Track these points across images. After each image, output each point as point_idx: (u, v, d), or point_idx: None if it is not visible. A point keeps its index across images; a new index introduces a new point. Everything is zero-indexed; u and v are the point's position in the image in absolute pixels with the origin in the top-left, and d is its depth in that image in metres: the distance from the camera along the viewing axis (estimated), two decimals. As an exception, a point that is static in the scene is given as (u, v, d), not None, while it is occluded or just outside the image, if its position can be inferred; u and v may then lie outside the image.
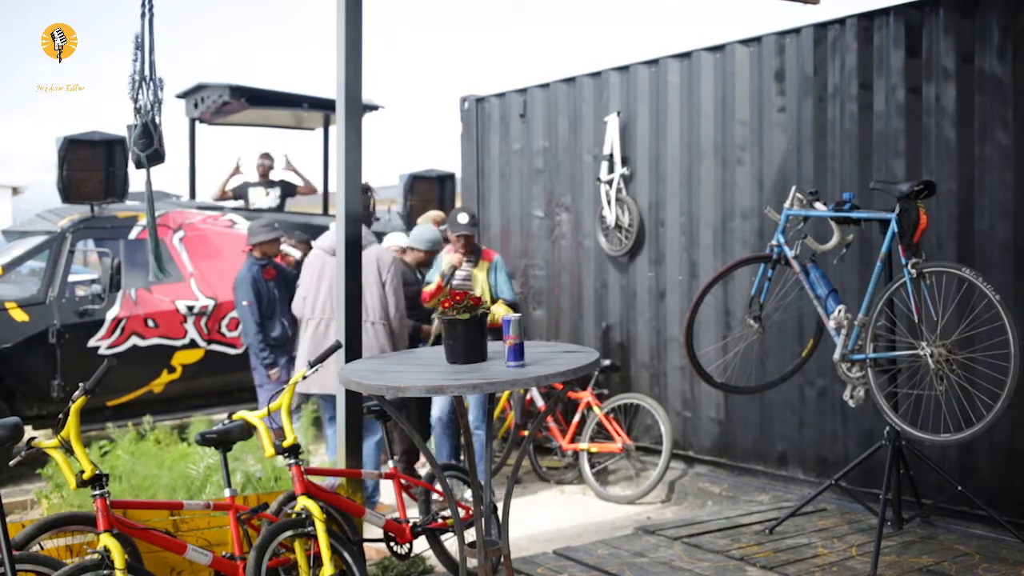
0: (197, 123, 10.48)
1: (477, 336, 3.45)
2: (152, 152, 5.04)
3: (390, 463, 4.89)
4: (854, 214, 5.20)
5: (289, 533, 3.98)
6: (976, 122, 5.51)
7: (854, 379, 5.08)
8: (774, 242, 5.43)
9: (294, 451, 4.12)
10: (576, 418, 7.31)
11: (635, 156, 7.52)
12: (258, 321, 7.38)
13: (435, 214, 7.87)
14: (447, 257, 6.61)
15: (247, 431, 4.24)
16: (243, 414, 4.27)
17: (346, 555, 4.16)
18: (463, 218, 6.64)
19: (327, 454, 6.59)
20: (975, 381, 4.80)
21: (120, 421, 7.28)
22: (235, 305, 7.71)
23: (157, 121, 4.99)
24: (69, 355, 7.85)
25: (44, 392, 7.77)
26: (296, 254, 8.20)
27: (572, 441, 7.30)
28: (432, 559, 4.95)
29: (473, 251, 6.82)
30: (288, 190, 10.32)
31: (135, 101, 4.98)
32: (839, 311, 5.10)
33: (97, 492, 3.60)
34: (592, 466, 7.16)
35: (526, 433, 7.38)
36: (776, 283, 5.52)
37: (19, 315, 7.82)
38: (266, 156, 10.31)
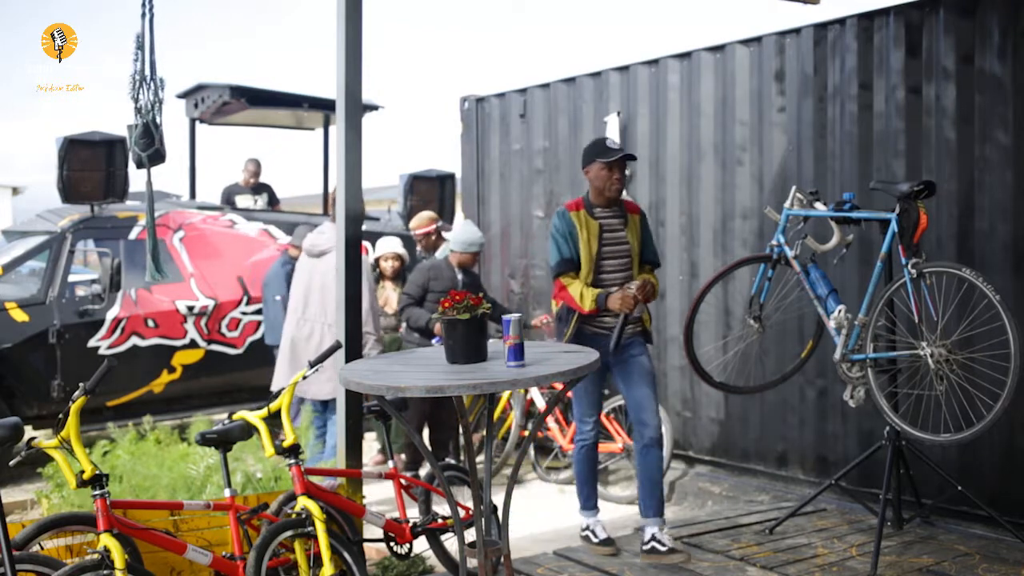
0: (197, 123, 10.50)
1: (477, 336, 3.45)
2: (153, 152, 5.04)
3: (390, 463, 4.89)
4: (854, 214, 5.20)
5: (289, 533, 3.99)
6: (976, 122, 5.51)
7: (854, 379, 5.09)
8: (774, 242, 5.43)
9: (294, 451, 4.12)
10: (576, 418, 7.30)
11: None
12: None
13: (429, 215, 7.83)
14: (623, 301, 4.76)
15: (247, 431, 4.24)
16: (243, 414, 4.27)
17: (346, 555, 4.17)
18: (612, 143, 4.96)
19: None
20: (975, 381, 4.80)
21: (120, 421, 7.28)
22: (265, 302, 7.68)
23: (158, 121, 4.99)
24: (69, 355, 7.85)
25: (44, 392, 7.77)
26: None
27: (572, 441, 7.29)
28: (432, 559, 4.95)
29: (618, 198, 5.01)
30: (274, 196, 10.33)
31: (136, 101, 4.97)
32: (839, 311, 5.10)
33: (97, 492, 3.60)
34: (592, 466, 7.15)
35: (526, 433, 7.38)
36: (776, 283, 5.52)
37: (19, 315, 7.82)
38: (253, 162, 10.28)
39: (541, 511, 6.61)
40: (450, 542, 4.69)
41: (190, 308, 8.45)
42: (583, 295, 4.80)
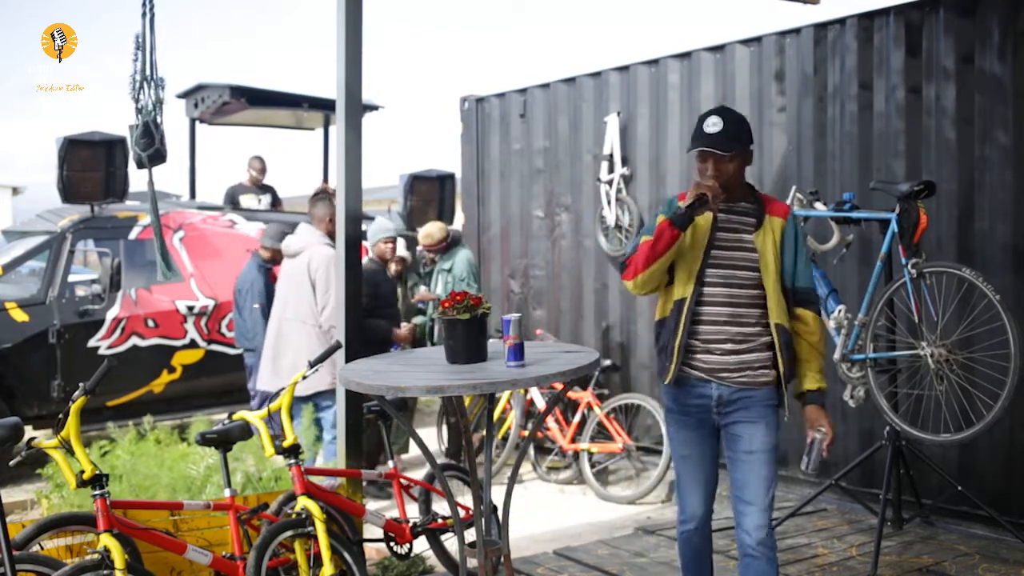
0: (197, 123, 10.50)
1: (477, 336, 3.45)
2: (154, 152, 5.04)
3: (390, 463, 4.89)
4: (854, 214, 5.20)
5: (289, 533, 3.99)
6: (976, 122, 5.51)
7: (854, 379, 5.09)
8: (774, 242, 5.43)
9: (294, 451, 4.12)
10: (576, 418, 7.31)
11: (635, 156, 7.52)
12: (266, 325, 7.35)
13: (440, 227, 7.78)
14: (696, 185, 3.45)
15: (247, 431, 4.24)
16: (243, 414, 4.27)
17: (346, 555, 4.17)
18: (712, 124, 3.53)
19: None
20: (975, 381, 4.81)
21: (120, 421, 7.28)
22: (238, 307, 7.67)
23: (159, 121, 4.99)
24: (69, 355, 7.85)
25: (44, 392, 7.77)
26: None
27: (572, 441, 7.30)
28: (432, 559, 4.95)
29: (740, 190, 3.54)
30: (277, 198, 10.34)
31: (136, 101, 4.98)
32: (839, 311, 5.10)
33: (97, 492, 3.60)
34: (592, 466, 7.16)
35: (526, 433, 7.38)
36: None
37: (19, 315, 7.82)
38: (258, 159, 10.28)
39: (541, 511, 6.62)
40: (450, 542, 4.69)
41: (190, 308, 8.45)
42: (654, 233, 3.41)
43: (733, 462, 3.47)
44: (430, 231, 7.58)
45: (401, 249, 7.58)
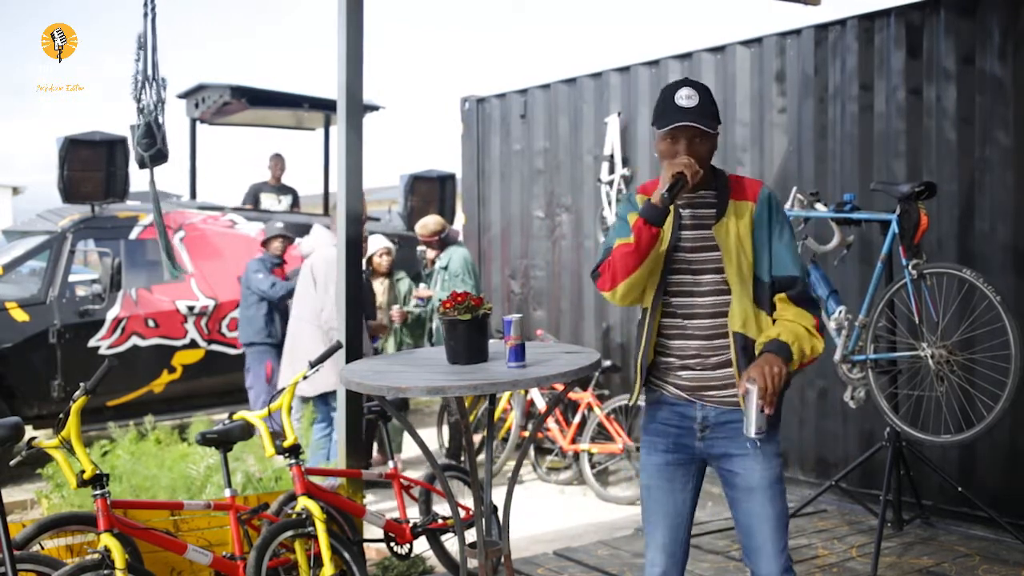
0: (198, 123, 10.50)
1: (478, 336, 3.45)
2: (155, 152, 5.04)
3: (390, 463, 4.89)
4: (855, 215, 5.20)
5: (289, 533, 3.99)
6: (977, 123, 5.51)
7: (855, 380, 5.09)
8: (775, 243, 5.43)
9: (295, 451, 4.13)
10: (577, 419, 7.30)
11: (636, 157, 7.52)
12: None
13: (436, 219, 7.83)
14: (670, 165, 2.96)
15: (247, 431, 4.24)
16: (244, 414, 4.27)
17: (346, 555, 4.17)
18: (685, 96, 2.95)
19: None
20: (975, 382, 4.81)
21: (121, 421, 7.29)
22: (243, 298, 7.71)
23: (160, 121, 4.99)
24: (69, 355, 7.85)
25: (44, 392, 7.78)
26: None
27: (573, 442, 7.30)
28: (432, 559, 4.95)
29: (705, 177, 3.02)
30: (296, 200, 10.36)
31: (138, 101, 4.98)
32: (840, 312, 5.10)
33: (98, 492, 3.60)
34: (592, 467, 7.15)
35: (527, 434, 7.37)
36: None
37: (19, 315, 7.82)
38: (279, 157, 10.28)
39: (541, 511, 6.62)
40: (450, 542, 4.69)
41: (190, 308, 8.46)
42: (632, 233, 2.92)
43: (734, 503, 3.01)
44: (425, 222, 7.67)
45: (383, 241, 7.59)
